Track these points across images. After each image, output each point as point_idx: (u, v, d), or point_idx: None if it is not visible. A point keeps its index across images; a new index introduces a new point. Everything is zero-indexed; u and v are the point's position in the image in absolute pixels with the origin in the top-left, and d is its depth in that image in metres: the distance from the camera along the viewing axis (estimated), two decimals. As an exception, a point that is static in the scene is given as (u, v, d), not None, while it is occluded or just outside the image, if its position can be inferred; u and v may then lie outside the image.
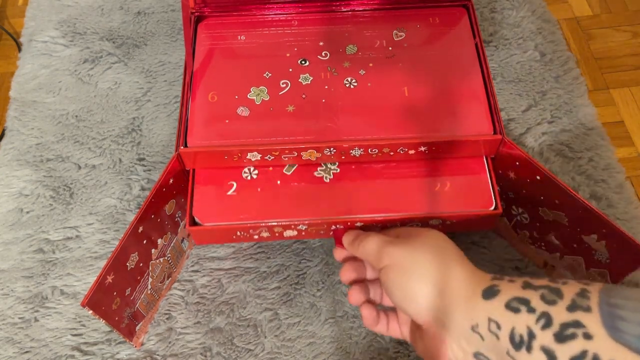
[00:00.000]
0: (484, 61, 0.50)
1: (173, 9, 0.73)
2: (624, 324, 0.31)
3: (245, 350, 0.50)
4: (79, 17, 0.72)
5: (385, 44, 0.52)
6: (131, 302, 0.48)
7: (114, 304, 0.45)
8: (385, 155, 0.47)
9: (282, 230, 0.48)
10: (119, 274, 0.45)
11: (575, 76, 0.65)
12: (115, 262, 0.44)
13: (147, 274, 0.49)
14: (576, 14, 0.86)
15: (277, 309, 0.52)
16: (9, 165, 0.61)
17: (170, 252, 0.52)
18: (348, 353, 0.50)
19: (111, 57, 0.68)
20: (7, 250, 0.56)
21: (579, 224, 0.46)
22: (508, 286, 0.36)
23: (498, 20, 0.70)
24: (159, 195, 0.46)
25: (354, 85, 0.50)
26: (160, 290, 0.52)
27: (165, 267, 0.52)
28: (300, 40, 0.53)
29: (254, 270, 0.54)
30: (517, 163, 0.46)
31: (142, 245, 0.47)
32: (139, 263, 0.47)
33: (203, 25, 0.54)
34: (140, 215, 0.45)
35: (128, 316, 0.48)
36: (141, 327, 0.50)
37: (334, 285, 0.53)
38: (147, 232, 0.47)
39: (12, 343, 0.52)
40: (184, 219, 0.51)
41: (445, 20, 0.53)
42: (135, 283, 0.48)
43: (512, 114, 0.62)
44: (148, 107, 0.65)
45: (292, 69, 0.51)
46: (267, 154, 0.46)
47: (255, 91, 0.49)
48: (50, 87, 0.67)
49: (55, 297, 0.54)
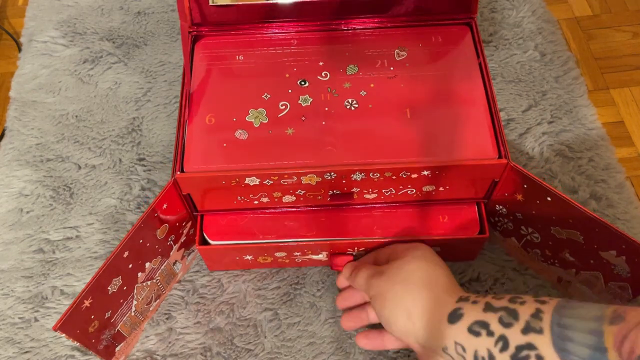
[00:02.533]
0: (487, 81, 0.49)
1: (173, 9, 0.73)
2: (572, 345, 0.34)
3: (245, 350, 0.50)
4: (79, 17, 0.72)
5: (387, 63, 0.51)
6: (111, 324, 0.46)
7: (91, 326, 0.44)
8: (387, 179, 0.46)
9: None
10: (98, 298, 0.43)
11: (575, 76, 0.65)
12: (95, 286, 0.42)
13: (132, 297, 0.47)
14: (576, 14, 0.86)
15: (277, 308, 0.52)
16: (9, 166, 0.61)
17: (160, 275, 0.50)
18: (348, 353, 0.50)
19: (111, 57, 0.68)
20: (7, 250, 0.56)
21: (595, 241, 0.45)
22: (471, 309, 0.40)
23: (498, 20, 0.70)
24: (150, 219, 0.45)
25: (354, 106, 0.48)
26: (147, 312, 0.51)
27: (154, 289, 0.50)
28: (299, 60, 0.51)
29: (254, 270, 0.54)
30: (525, 186, 0.45)
31: (127, 269, 0.45)
32: (123, 287, 0.45)
33: (201, 45, 0.52)
34: (126, 241, 0.43)
35: (107, 338, 0.46)
36: (122, 348, 0.49)
37: (334, 286, 0.53)
38: (133, 256, 0.45)
39: (12, 343, 0.52)
40: (177, 243, 0.50)
41: (448, 39, 0.52)
42: (117, 306, 0.46)
43: (512, 114, 0.62)
44: (148, 107, 0.65)
45: (292, 90, 0.49)
46: (266, 178, 0.45)
47: (254, 113, 0.48)
48: (50, 87, 0.67)
49: (55, 297, 0.54)
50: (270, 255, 0.51)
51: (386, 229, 0.50)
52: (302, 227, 0.50)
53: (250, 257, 0.51)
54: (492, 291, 0.52)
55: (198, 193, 0.48)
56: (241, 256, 0.51)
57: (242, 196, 0.48)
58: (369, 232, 0.50)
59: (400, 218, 0.50)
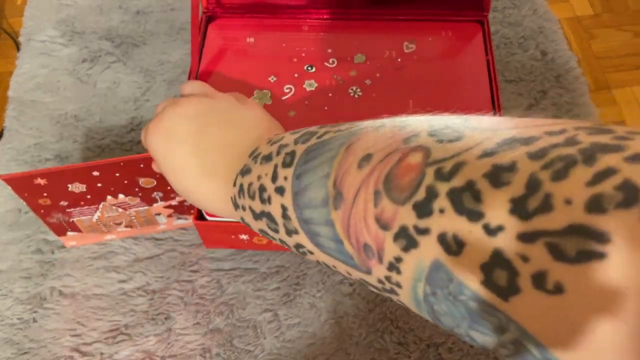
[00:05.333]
0: (494, 79, 0.49)
1: (172, 8, 0.72)
2: (322, 239, 0.30)
3: (244, 351, 0.50)
4: (78, 17, 0.72)
5: (395, 55, 0.51)
6: (66, 213, 0.49)
7: (42, 200, 0.47)
8: None
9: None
10: (54, 185, 0.46)
11: (576, 76, 0.65)
12: (54, 173, 0.45)
13: (96, 208, 0.50)
14: (578, 14, 0.86)
15: (276, 309, 0.52)
16: (8, 165, 0.61)
17: (136, 214, 0.52)
18: (348, 354, 0.50)
19: (110, 57, 0.68)
20: (6, 250, 0.56)
21: None
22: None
23: (499, 19, 0.69)
24: (131, 166, 0.46)
25: (358, 94, 0.49)
26: (112, 229, 0.53)
27: (125, 218, 0.52)
28: (308, 46, 0.52)
29: (254, 270, 0.54)
30: None
31: (95, 185, 0.47)
32: (86, 194, 0.48)
33: (214, 25, 0.53)
34: (99, 164, 0.45)
35: (60, 219, 0.49)
36: (76, 236, 0.52)
37: (334, 286, 0.53)
38: (105, 180, 0.47)
39: (10, 344, 0.51)
40: (164, 201, 0.51)
41: (458, 35, 0.52)
42: (74, 203, 0.49)
43: (513, 114, 0.62)
44: (147, 107, 0.64)
45: (298, 75, 0.50)
46: None
47: (259, 94, 0.49)
48: (48, 86, 0.67)
49: (54, 297, 0.53)
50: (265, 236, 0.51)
51: None
52: None
53: (245, 236, 0.51)
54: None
55: None
56: (237, 235, 0.51)
57: None
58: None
59: None
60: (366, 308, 0.52)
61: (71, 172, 0.45)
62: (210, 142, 0.38)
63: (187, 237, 0.56)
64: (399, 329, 0.51)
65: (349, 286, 0.53)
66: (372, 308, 0.52)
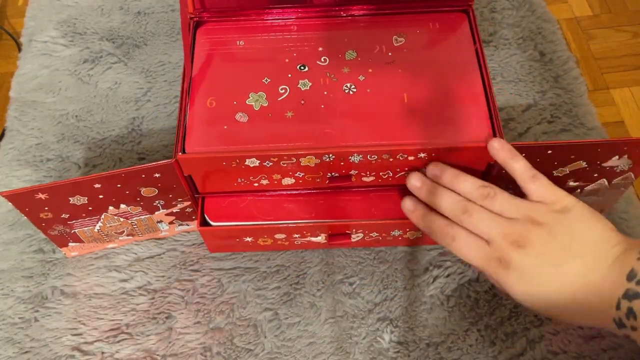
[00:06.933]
0: (484, 67, 0.50)
1: (173, 9, 0.73)
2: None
3: (245, 350, 0.50)
4: (79, 17, 0.72)
5: (385, 49, 0.52)
6: (68, 225, 0.49)
7: (44, 214, 0.47)
8: (385, 161, 0.47)
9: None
10: (56, 199, 0.46)
11: (575, 76, 0.65)
12: (55, 188, 0.45)
13: (98, 219, 0.50)
14: (576, 14, 0.86)
15: (277, 308, 0.52)
16: (9, 165, 0.61)
17: (138, 222, 0.52)
18: (348, 353, 0.50)
19: (111, 57, 0.68)
20: (7, 250, 0.56)
21: (598, 159, 0.47)
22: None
23: (498, 20, 0.70)
24: (134, 175, 0.46)
25: (353, 91, 0.49)
26: (114, 238, 0.53)
27: (127, 227, 0.52)
28: (299, 46, 0.52)
29: (254, 270, 0.54)
30: (523, 155, 0.46)
31: (97, 197, 0.47)
32: (88, 206, 0.48)
33: (202, 31, 0.53)
34: (101, 177, 0.45)
35: (61, 231, 0.49)
36: (78, 247, 0.51)
37: (334, 285, 0.53)
38: (107, 191, 0.47)
39: (12, 343, 0.52)
40: (166, 209, 0.51)
41: (445, 26, 0.53)
42: (76, 216, 0.49)
43: (512, 114, 0.62)
44: (148, 107, 0.65)
45: (291, 75, 0.50)
46: (266, 159, 0.46)
47: (254, 97, 0.49)
48: (50, 87, 0.67)
49: (56, 297, 0.54)
50: (269, 237, 0.52)
51: (383, 211, 0.51)
52: (301, 210, 0.52)
53: (250, 239, 0.52)
54: (493, 289, 0.52)
55: (199, 175, 0.49)
56: (241, 238, 0.52)
57: (242, 178, 0.49)
58: (367, 214, 0.51)
59: (397, 201, 0.51)
60: (366, 308, 0.52)
61: (72, 185, 0.45)
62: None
63: (188, 237, 0.56)
64: (398, 328, 0.51)
65: (349, 286, 0.53)
66: (372, 308, 0.52)
